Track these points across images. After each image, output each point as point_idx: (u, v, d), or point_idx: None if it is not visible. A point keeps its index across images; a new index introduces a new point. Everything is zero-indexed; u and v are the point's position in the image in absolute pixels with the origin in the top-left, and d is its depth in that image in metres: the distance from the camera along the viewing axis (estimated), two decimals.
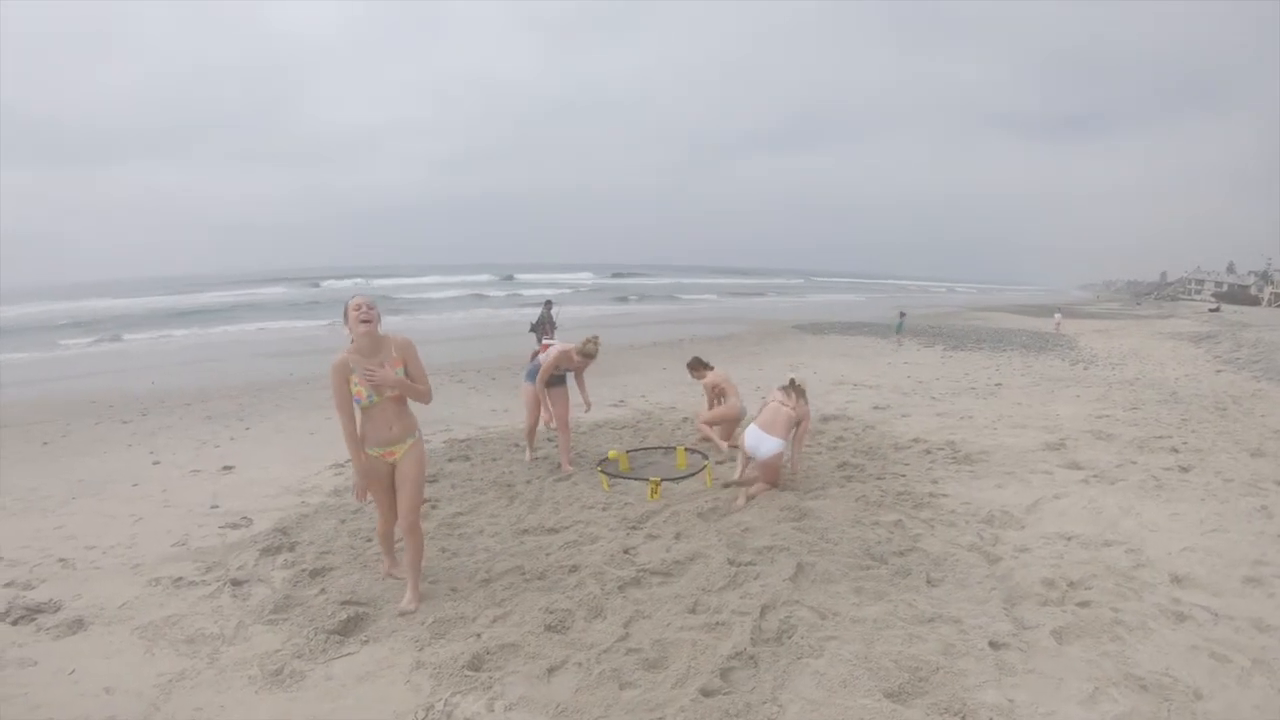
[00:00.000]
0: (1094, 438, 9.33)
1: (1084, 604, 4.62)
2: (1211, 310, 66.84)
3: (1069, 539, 5.74)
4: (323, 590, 4.86)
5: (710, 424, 8.67)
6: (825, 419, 10.47)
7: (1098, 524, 6.10)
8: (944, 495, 6.83)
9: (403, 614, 4.53)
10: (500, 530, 5.95)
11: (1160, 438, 9.35)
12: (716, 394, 8.87)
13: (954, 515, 6.26)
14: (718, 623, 4.28)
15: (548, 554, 5.38)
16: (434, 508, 6.49)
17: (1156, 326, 39.28)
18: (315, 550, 5.58)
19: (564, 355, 7.73)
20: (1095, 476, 7.48)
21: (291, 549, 5.64)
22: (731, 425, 8.69)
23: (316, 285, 63.80)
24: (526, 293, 53.31)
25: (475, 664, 3.91)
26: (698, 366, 9.10)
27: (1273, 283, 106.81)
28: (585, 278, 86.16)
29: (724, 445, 8.47)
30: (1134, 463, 8.04)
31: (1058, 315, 37.43)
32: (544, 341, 17.44)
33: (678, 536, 5.72)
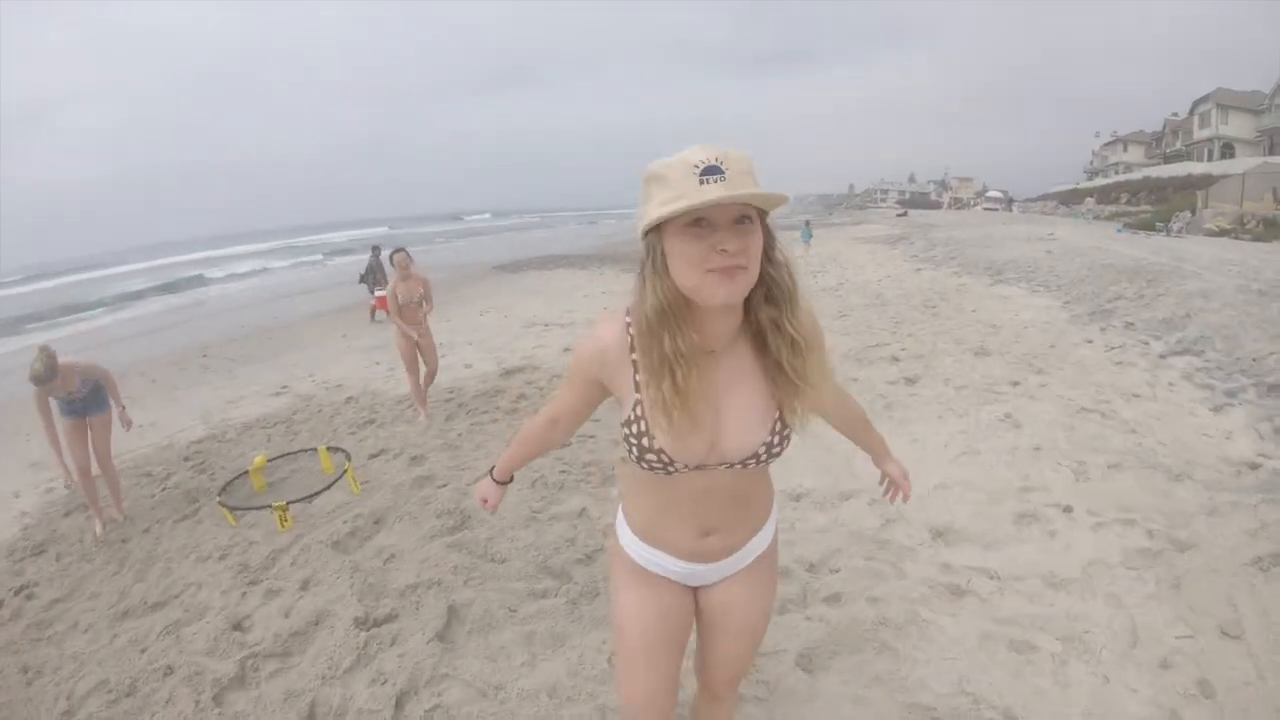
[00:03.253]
0: None
1: (832, 599, 3.54)
2: (899, 215, 72.31)
3: (798, 498, 4.71)
4: None
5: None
6: (507, 372, 9.06)
7: (829, 470, 5.09)
8: None
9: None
10: (96, 621, 4.44)
11: (876, 346, 8.81)
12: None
13: None
14: None
15: (142, 649, 3.97)
16: (30, 598, 4.85)
17: (851, 232, 41.39)
18: None
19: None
20: None
21: None
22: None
23: None
24: (236, 270, 46.65)
25: None
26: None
27: (950, 189, 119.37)
28: (277, 244, 78.30)
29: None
30: (855, 380, 7.30)
31: None
32: (377, 294, 14.97)
33: (304, 585, 4.30)
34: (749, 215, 1.53)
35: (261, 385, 10.07)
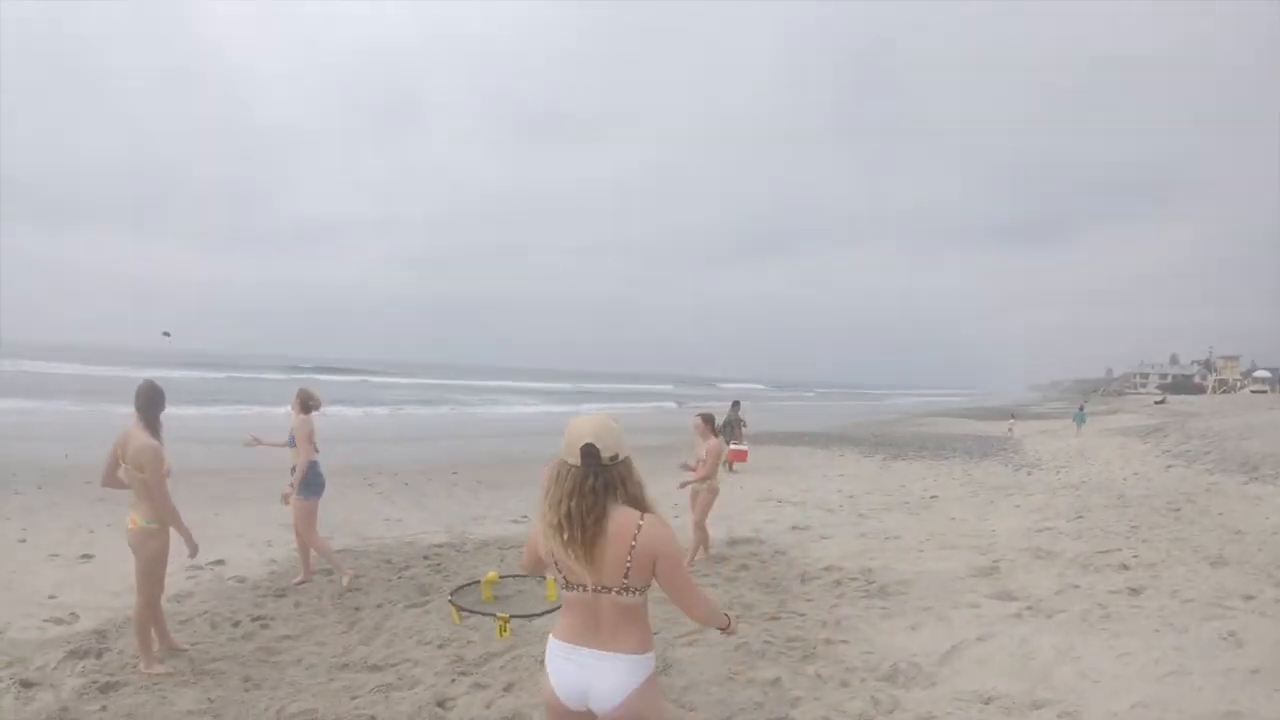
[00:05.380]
0: (1032, 557, 8.37)
1: None
2: (1158, 403, 67.67)
3: (988, 701, 4.69)
4: (103, 708, 4.40)
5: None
6: (733, 542, 9.43)
7: (1026, 675, 5.05)
8: (843, 641, 5.74)
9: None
10: (318, 663, 5.29)
11: (1107, 552, 8.45)
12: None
13: (849, 670, 5.16)
14: None
15: (354, 697, 4.69)
16: (264, 627, 5.90)
17: (1104, 423, 39.13)
18: (120, 661, 5.10)
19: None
20: (1029, 609, 6.46)
21: (99, 655, 5.22)
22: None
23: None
24: (513, 404, 52.21)
25: None
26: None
27: (1215, 370, 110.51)
28: (548, 385, 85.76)
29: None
30: (1076, 587, 7.08)
31: (1011, 421, 37.00)
32: (732, 447, 16.19)
33: (508, 688, 4.88)
34: None
35: (504, 510, 11.03)
